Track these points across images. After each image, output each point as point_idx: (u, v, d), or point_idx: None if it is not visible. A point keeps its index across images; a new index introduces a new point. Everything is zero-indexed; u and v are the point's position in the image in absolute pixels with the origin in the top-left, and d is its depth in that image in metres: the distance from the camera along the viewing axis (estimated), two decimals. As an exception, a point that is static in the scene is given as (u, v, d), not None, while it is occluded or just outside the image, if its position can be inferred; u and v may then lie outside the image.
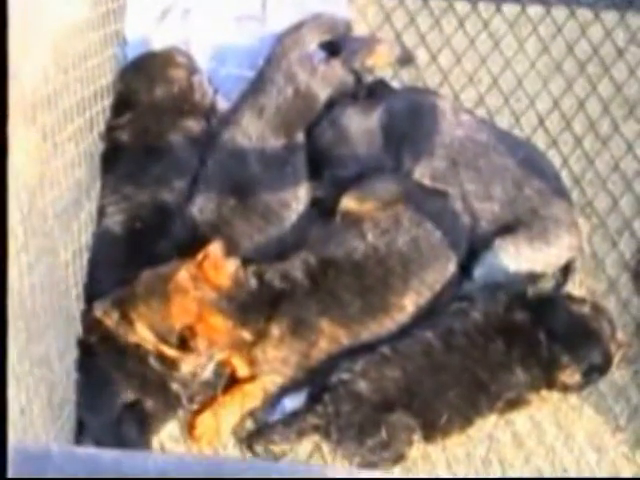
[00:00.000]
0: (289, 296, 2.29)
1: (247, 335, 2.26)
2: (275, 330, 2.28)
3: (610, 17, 2.69)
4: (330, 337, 2.30)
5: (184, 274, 2.23)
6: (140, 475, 1.54)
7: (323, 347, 2.31)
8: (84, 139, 2.35)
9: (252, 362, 2.31)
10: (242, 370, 2.32)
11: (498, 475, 2.34)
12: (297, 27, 2.58)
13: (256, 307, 2.28)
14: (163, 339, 2.24)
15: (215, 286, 2.24)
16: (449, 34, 2.70)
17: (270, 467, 1.59)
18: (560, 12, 2.70)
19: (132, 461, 1.55)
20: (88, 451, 1.59)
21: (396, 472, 2.27)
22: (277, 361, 2.30)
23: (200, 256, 2.25)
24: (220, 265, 2.26)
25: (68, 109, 2.22)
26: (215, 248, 2.27)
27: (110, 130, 2.48)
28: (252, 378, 2.33)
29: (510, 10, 2.71)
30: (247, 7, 2.67)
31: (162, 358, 2.27)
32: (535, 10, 2.71)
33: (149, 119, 2.48)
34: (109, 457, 1.56)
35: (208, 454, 2.31)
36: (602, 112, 2.63)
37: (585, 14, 2.70)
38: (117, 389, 2.32)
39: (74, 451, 1.67)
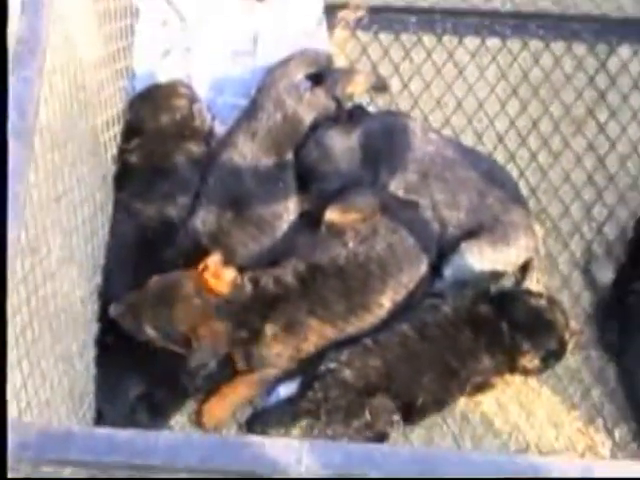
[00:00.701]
0: (282, 299, 2.30)
1: (245, 334, 2.29)
2: (269, 329, 2.30)
3: (558, 47, 2.69)
4: (318, 333, 2.32)
5: (187, 283, 2.26)
6: (151, 451, 1.58)
7: (312, 342, 2.32)
8: (99, 162, 2.35)
9: (249, 357, 2.31)
10: (241, 364, 2.34)
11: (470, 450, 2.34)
12: (285, 61, 2.58)
13: (253, 309, 2.29)
14: (169, 340, 2.27)
15: (215, 293, 2.27)
16: (418, 64, 2.70)
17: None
18: (515, 43, 2.71)
19: (144, 439, 1.60)
20: (105, 431, 1.62)
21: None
22: (272, 355, 2.32)
23: (201, 267, 2.27)
24: (219, 274, 2.28)
25: (83, 135, 2.23)
26: (214, 259, 2.29)
27: (121, 153, 2.48)
28: (250, 370, 2.34)
29: (471, 42, 2.71)
30: (241, 44, 2.67)
31: (171, 354, 2.28)
32: (493, 42, 2.71)
33: (155, 143, 2.50)
34: (124, 436, 1.60)
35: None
36: (553, 130, 2.64)
37: (537, 45, 2.70)
38: (131, 382, 2.33)
39: (93, 431, 1.69)
